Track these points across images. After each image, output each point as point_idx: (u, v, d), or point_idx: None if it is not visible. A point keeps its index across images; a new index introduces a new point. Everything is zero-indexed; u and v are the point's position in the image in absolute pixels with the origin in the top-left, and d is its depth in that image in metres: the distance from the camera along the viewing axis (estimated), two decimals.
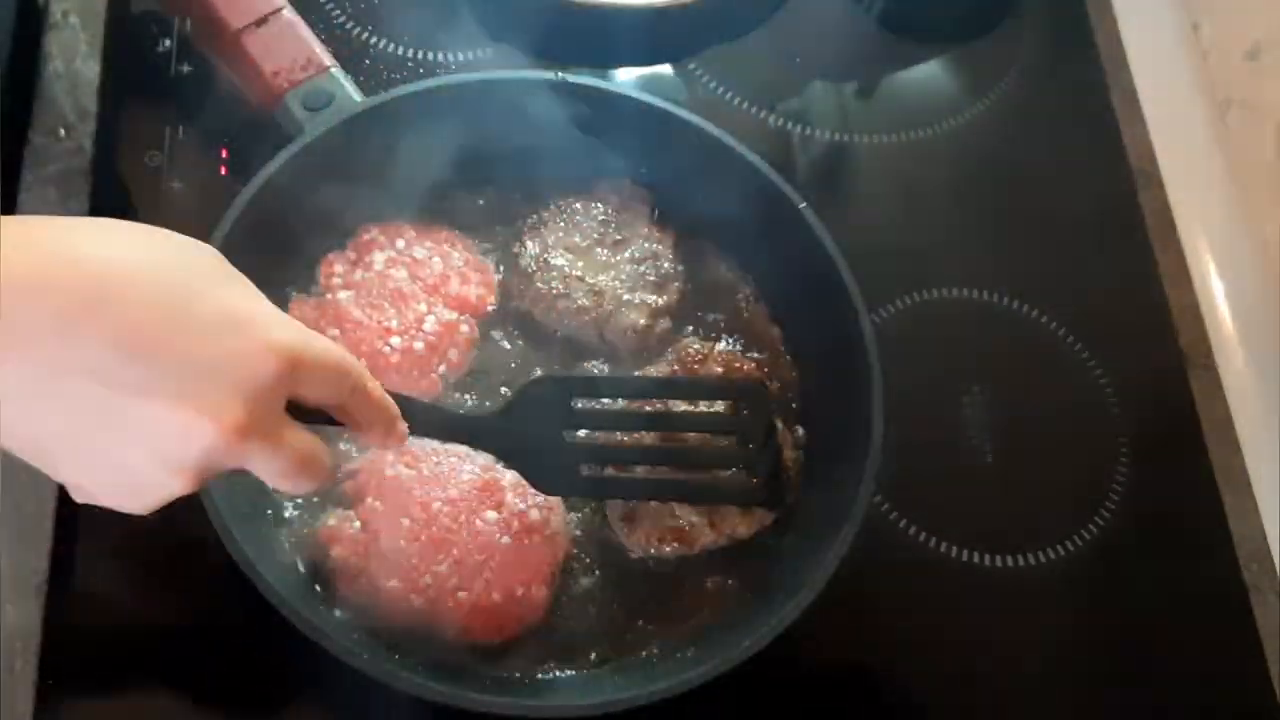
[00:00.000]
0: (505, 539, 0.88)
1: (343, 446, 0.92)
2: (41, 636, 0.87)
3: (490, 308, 1.00)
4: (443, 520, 0.88)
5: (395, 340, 0.95)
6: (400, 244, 1.00)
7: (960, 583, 1.00)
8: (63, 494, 0.91)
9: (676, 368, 0.98)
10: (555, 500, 0.92)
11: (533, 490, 0.90)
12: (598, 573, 0.93)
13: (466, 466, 0.91)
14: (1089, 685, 0.97)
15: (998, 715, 0.97)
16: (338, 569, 0.87)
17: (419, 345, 0.96)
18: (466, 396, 0.98)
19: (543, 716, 0.81)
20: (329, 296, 0.98)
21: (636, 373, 0.98)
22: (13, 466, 0.92)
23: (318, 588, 0.87)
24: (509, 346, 1.00)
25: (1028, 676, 0.97)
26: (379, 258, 0.99)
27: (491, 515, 0.89)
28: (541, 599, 0.89)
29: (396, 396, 0.74)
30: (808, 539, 0.91)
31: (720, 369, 0.98)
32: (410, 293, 0.98)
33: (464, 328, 0.98)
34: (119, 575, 0.91)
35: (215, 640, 0.89)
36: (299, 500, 0.91)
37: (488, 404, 0.96)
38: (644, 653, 0.90)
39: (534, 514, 0.90)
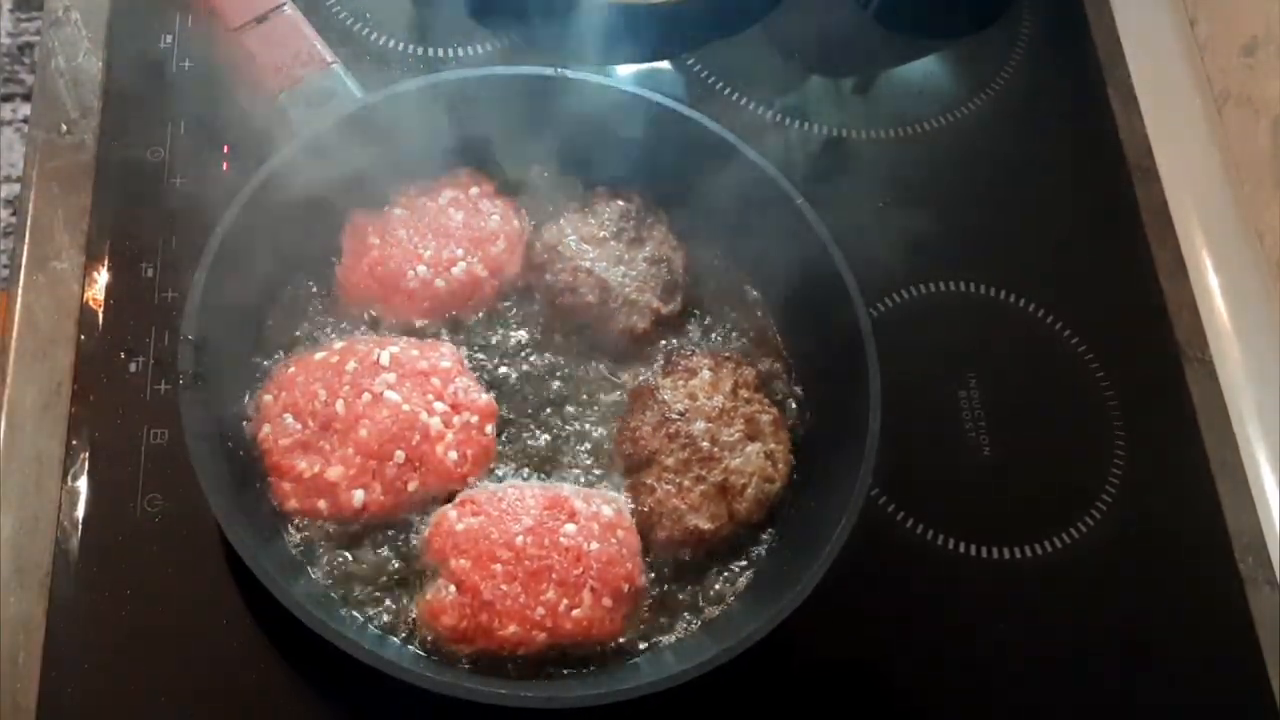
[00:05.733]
0: (594, 544, 0.88)
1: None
2: (45, 627, 0.88)
3: (519, 282, 1.02)
4: (530, 551, 0.87)
5: (421, 269, 0.98)
6: (474, 191, 1.03)
7: (957, 575, 1.00)
8: (64, 491, 0.93)
9: (666, 364, 0.99)
10: (614, 493, 0.93)
11: (594, 490, 0.91)
12: None
13: (528, 492, 0.90)
14: (1086, 675, 0.98)
15: (993, 705, 0.97)
16: (452, 637, 0.85)
17: (440, 283, 0.98)
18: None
19: (549, 708, 0.82)
20: (387, 209, 1.01)
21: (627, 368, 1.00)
22: (14, 461, 0.93)
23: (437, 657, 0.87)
24: (514, 325, 1.02)
25: (1025, 667, 0.98)
26: (447, 194, 1.02)
27: (571, 528, 0.88)
28: (645, 585, 0.90)
29: None
30: (806, 531, 0.91)
31: (709, 366, 0.98)
32: (456, 236, 1.00)
33: (487, 288, 1.00)
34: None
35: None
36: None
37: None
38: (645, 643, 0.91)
39: (606, 510, 0.90)
